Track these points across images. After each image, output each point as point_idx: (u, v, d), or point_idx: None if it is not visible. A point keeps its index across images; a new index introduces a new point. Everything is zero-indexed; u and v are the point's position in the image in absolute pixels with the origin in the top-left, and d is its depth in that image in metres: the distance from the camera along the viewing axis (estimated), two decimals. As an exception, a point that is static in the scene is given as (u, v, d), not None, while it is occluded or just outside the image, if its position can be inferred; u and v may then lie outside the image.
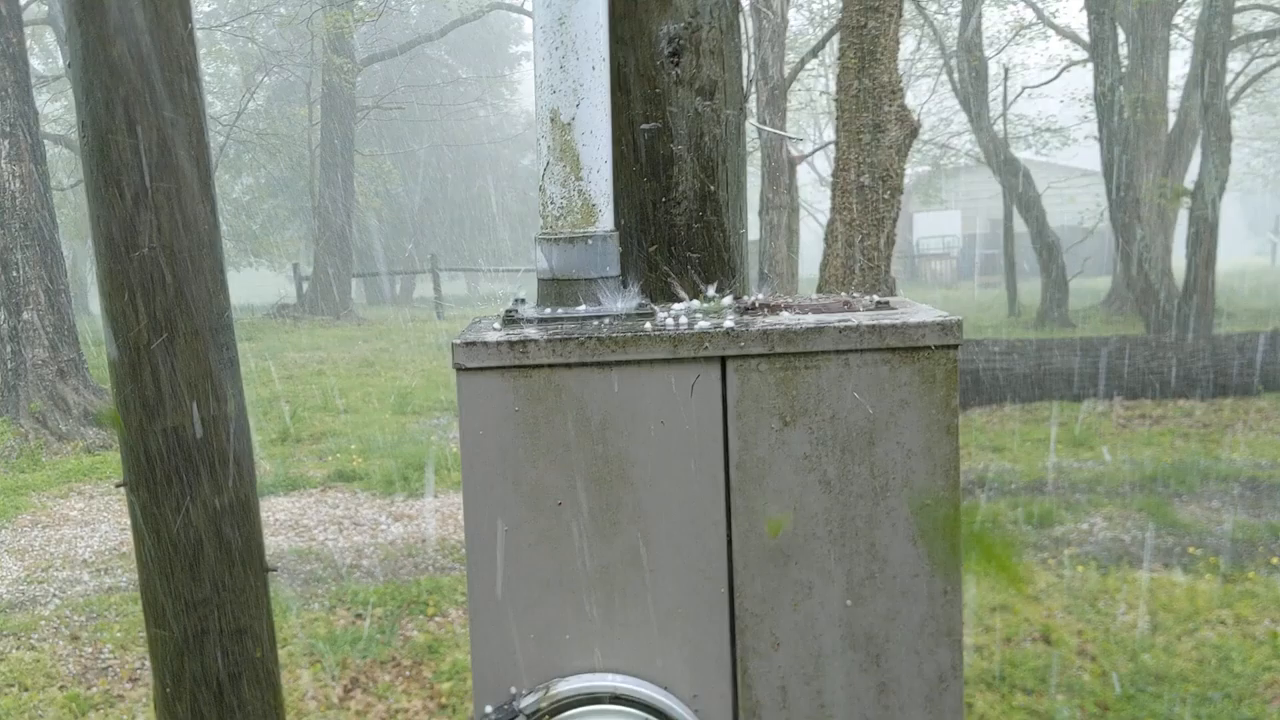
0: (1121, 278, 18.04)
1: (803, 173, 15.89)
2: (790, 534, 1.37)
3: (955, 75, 19.75)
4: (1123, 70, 17.07)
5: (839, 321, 1.34)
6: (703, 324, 1.36)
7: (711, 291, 1.51)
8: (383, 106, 26.63)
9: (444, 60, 33.80)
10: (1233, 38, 17.01)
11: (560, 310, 1.45)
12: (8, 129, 11.02)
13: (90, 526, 8.27)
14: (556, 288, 1.46)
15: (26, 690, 5.30)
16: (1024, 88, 21.72)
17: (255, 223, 32.56)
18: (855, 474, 1.36)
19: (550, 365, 1.32)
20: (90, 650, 5.77)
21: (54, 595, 6.74)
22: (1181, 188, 16.36)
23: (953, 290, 31.23)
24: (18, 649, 5.82)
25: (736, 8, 1.60)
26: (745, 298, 1.55)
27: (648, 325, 1.36)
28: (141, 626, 4.95)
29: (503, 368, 1.32)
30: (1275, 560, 6.18)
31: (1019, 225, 19.95)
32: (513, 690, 1.36)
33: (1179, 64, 20.32)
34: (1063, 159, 28.49)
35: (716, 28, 1.58)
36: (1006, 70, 20.18)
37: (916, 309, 1.44)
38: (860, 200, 5.74)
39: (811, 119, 25.59)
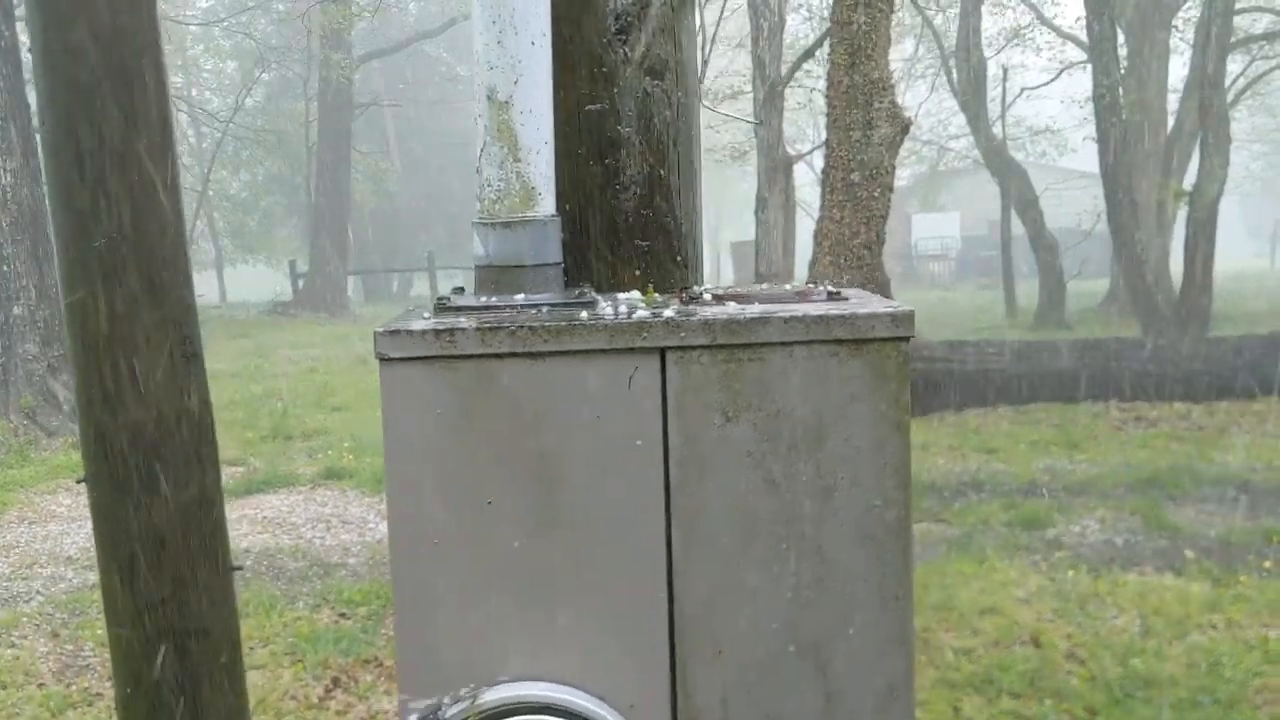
0: (1119, 280, 17.97)
1: (800, 173, 15.83)
2: (734, 536, 1.30)
3: (954, 76, 19.68)
4: (1122, 72, 17.00)
5: (784, 312, 1.28)
6: (642, 313, 1.29)
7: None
8: (380, 104, 26.53)
9: (442, 58, 33.70)
10: (1232, 40, 16.94)
11: (495, 299, 1.38)
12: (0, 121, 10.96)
13: (77, 523, 8.21)
14: (493, 275, 1.39)
15: (4, 688, 5.24)
16: (1023, 89, 21.65)
17: (253, 219, 32.46)
18: (801, 472, 1.29)
19: (480, 356, 1.25)
20: (71, 648, 5.71)
21: (37, 592, 6.68)
22: (1180, 190, 16.30)
23: (950, 291, 31.15)
24: (-1, 646, 5.76)
25: (691, -16, 1.53)
26: (694, 288, 1.48)
27: (584, 314, 1.29)
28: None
29: (429, 358, 1.25)
30: (1268, 564, 6.11)
31: (1017, 227, 19.89)
32: (438, 699, 1.29)
33: (1178, 66, 20.23)
34: (1061, 161, 28.44)
35: (668, 4, 1.51)
36: (1005, 71, 20.11)
37: (869, 300, 1.38)
38: (850, 198, 5.68)
39: (810, 118, 25.53)
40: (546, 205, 1.41)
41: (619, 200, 1.52)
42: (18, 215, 11.14)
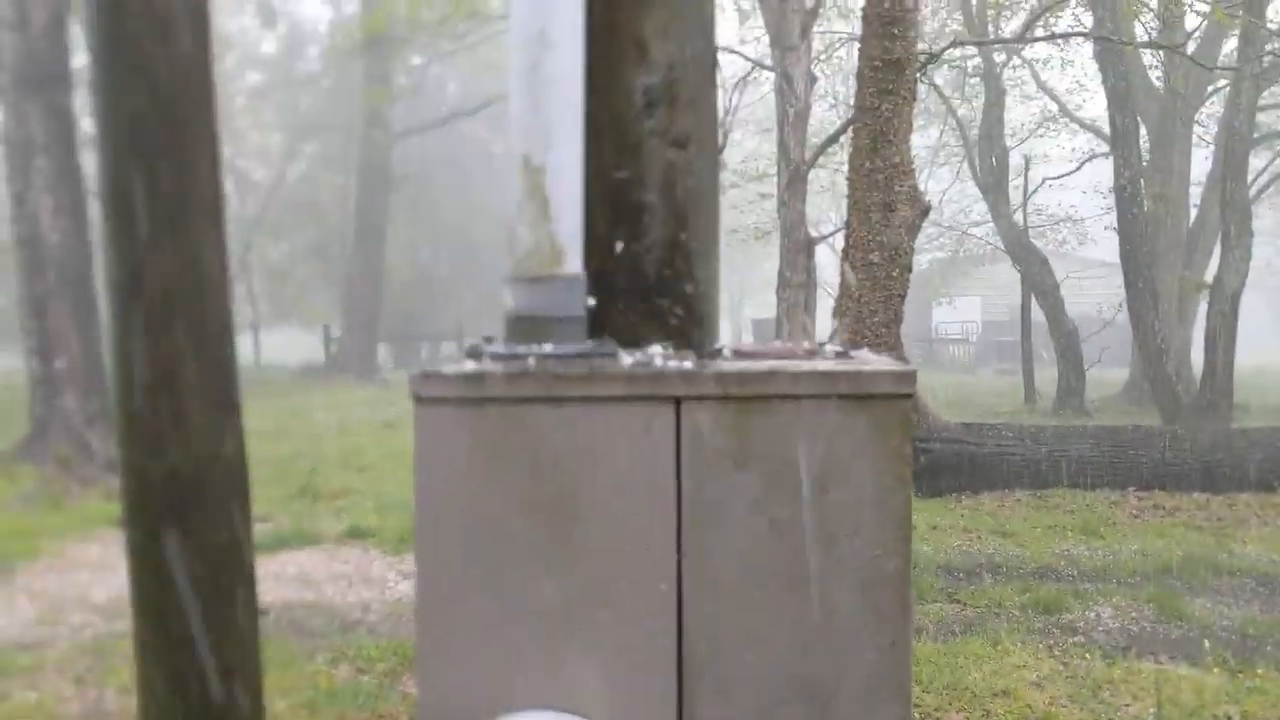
0: (1139, 369, 17.97)
1: (822, 253, 16.03)
2: (741, 580, 1.38)
3: (977, 164, 19.93)
4: (1144, 163, 17.20)
5: (793, 367, 1.37)
6: (659, 364, 1.39)
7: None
8: (416, 178, 27.12)
9: (478, 135, 34.36)
10: (1255, 135, 17.13)
11: (523, 348, 1.49)
12: (51, 183, 11.30)
13: (106, 571, 8.27)
14: (522, 326, 1.50)
15: (25, 733, 5.27)
16: (1045, 178, 21.88)
17: (289, 286, 33.00)
18: (806, 521, 1.37)
19: (506, 399, 1.35)
20: (94, 694, 5.74)
21: (64, 638, 6.72)
22: (1200, 282, 16.37)
23: (970, 375, 31.10)
24: (23, 690, 5.80)
25: (714, 63, 1.65)
26: (712, 344, 1.58)
27: (605, 364, 1.39)
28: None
29: (459, 400, 1.35)
30: (1286, 657, 6.04)
31: (1037, 314, 19.97)
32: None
33: (1201, 159, 20.43)
34: (1082, 249, 28.60)
35: (692, 81, 1.63)
36: (1028, 160, 20.37)
37: (875, 360, 1.47)
38: (870, 277, 5.80)
39: (833, 201, 25.82)
40: (573, 263, 1.52)
41: (641, 262, 1.63)
42: (63, 271, 11.43)
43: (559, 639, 1.37)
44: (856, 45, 11.63)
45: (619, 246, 1.62)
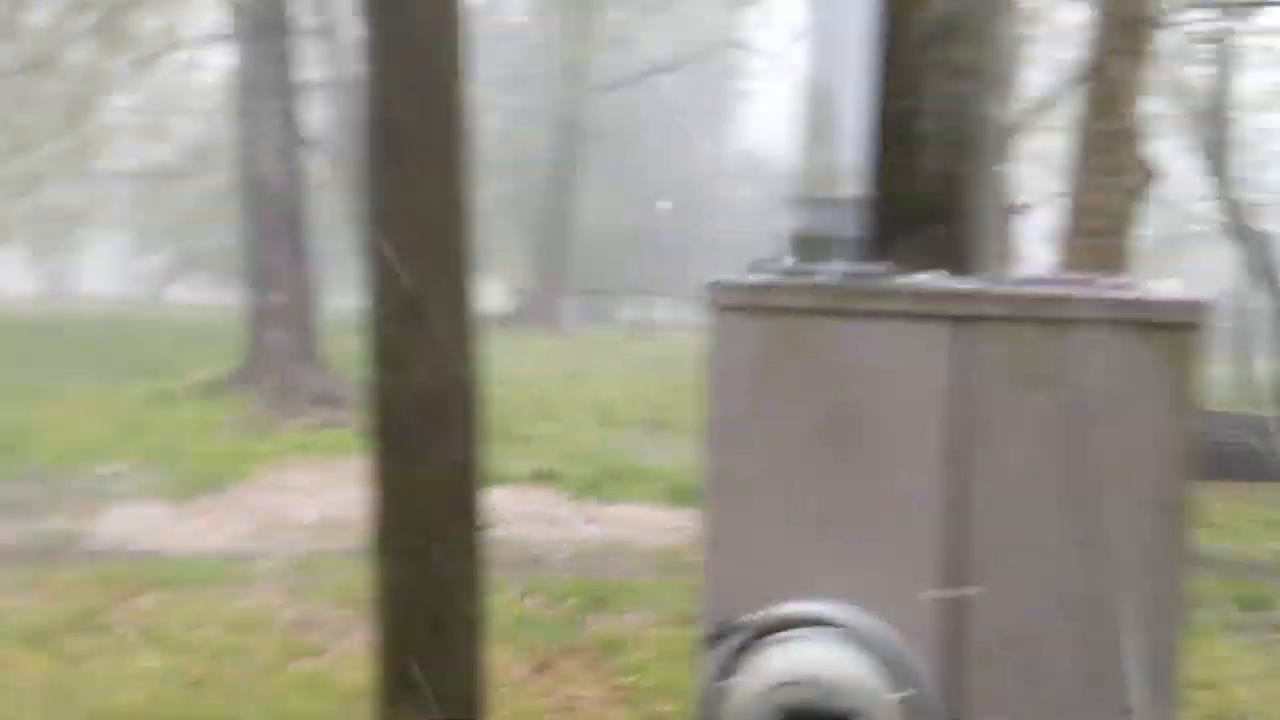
0: (1372, 361, 16.65)
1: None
2: (1019, 497, 1.40)
3: (1198, 136, 18.73)
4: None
5: (1081, 291, 1.38)
6: (945, 283, 1.42)
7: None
8: (612, 134, 27.37)
9: (672, 93, 34.42)
10: None
11: (806, 265, 1.54)
12: (275, 125, 11.96)
13: (311, 495, 8.79)
14: (804, 244, 1.56)
15: (243, 634, 5.68)
16: (1275, 155, 20.37)
17: (482, 236, 33.89)
18: (1088, 444, 1.38)
19: (796, 310, 1.41)
20: (303, 605, 6.14)
21: (275, 552, 7.20)
22: None
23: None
24: (238, 598, 6.24)
25: (1002, -4, 1.65)
26: (987, 272, 1.60)
27: (892, 281, 1.43)
28: (351, 587, 5.23)
29: (752, 308, 1.42)
30: None
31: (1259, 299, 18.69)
32: (731, 613, 1.44)
33: None
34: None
35: (977, 14, 1.64)
36: (1257, 135, 19.02)
37: (1165, 288, 1.46)
38: (1091, 244, 5.60)
39: (1040, 170, 24.78)
40: (854, 188, 1.56)
41: (918, 190, 1.66)
42: (283, 212, 12.11)
43: (834, 541, 1.43)
44: (1068, 4, 11.02)
45: (898, 175, 1.65)
